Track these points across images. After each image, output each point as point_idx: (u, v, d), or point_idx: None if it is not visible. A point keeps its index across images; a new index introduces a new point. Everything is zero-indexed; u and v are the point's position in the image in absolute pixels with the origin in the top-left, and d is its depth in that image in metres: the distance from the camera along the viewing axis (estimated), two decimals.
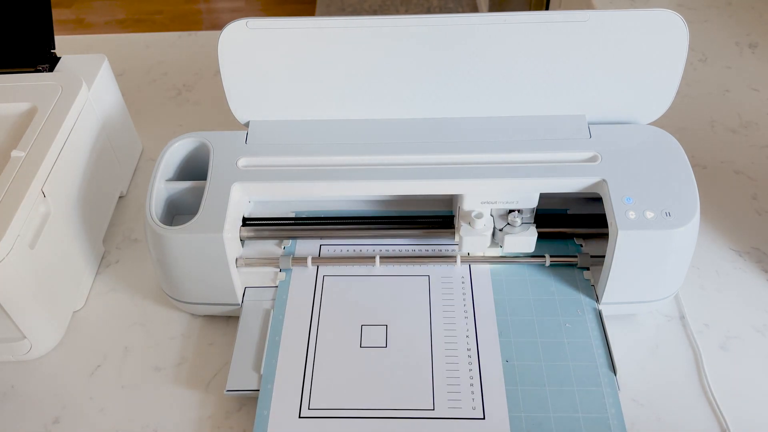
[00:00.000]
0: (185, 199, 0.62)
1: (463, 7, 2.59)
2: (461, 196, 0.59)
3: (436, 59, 0.60)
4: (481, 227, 0.60)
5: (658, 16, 0.58)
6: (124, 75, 0.94)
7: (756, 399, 0.55)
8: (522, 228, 0.60)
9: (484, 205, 0.59)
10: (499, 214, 0.61)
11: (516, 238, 0.60)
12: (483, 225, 0.60)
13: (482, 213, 0.59)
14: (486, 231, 0.60)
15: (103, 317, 0.63)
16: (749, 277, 0.65)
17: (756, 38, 0.95)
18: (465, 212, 0.60)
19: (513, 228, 0.60)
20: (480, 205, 0.59)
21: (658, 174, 0.57)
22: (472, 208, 0.60)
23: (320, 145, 0.60)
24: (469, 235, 0.60)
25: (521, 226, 0.60)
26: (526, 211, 0.60)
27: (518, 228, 0.60)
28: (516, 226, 0.60)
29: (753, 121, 0.81)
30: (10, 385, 0.58)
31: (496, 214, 0.61)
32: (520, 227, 0.60)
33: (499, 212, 0.61)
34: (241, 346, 0.57)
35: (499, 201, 0.59)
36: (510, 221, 0.60)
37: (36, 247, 0.56)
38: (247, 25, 0.59)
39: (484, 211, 0.60)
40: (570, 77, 0.61)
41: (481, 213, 0.59)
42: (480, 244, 0.61)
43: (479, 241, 0.60)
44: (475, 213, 0.59)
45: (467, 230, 0.60)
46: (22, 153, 0.57)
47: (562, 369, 0.55)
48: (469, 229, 0.60)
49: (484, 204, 0.59)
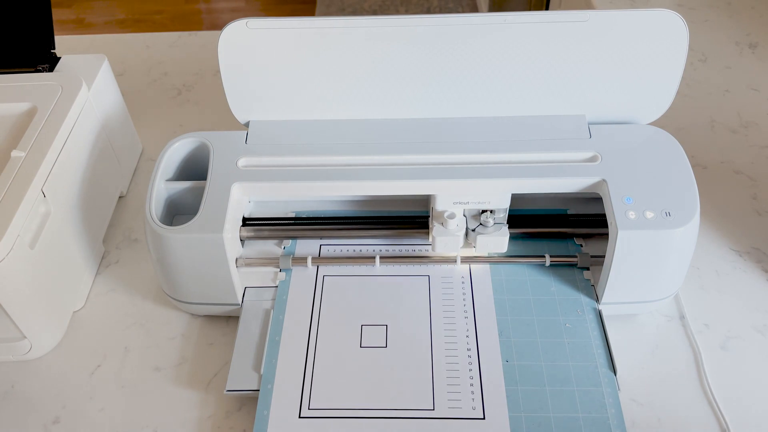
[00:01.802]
0: (185, 199, 0.62)
1: (463, 7, 2.59)
2: (434, 197, 0.59)
3: (436, 59, 0.60)
4: (453, 227, 0.59)
5: (658, 16, 0.58)
6: (124, 75, 0.94)
7: (756, 399, 0.55)
8: (494, 228, 0.60)
9: (457, 205, 0.59)
10: (471, 215, 0.61)
11: (488, 238, 0.60)
12: (456, 225, 0.59)
13: (455, 213, 0.59)
14: (458, 231, 0.60)
15: (103, 317, 0.63)
16: (749, 277, 0.65)
17: (756, 38, 0.95)
18: (437, 212, 0.60)
19: (485, 228, 0.60)
20: (452, 206, 0.59)
21: (658, 174, 0.57)
22: (444, 209, 0.59)
23: (320, 145, 0.60)
24: (441, 235, 0.59)
25: (494, 227, 0.60)
26: (498, 212, 0.60)
27: (491, 228, 0.60)
28: (488, 226, 0.60)
29: (753, 121, 0.81)
30: (10, 385, 0.58)
31: (469, 215, 0.61)
32: (493, 227, 0.60)
33: (472, 212, 0.61)
34: (241, 346, 0.57)
35: (471, 201, 0.59)
36: (482, 221, 0.60)
37: (36, 247, 0.56)
38: (247, 25, 0.59)
39: (456, 212, 0.59)
40: (570, 77, 0.61)
41: (453, 213, 0.59)
42: (452, 244, 0.60)
43: (451, 241, 0.60)
44: (447, 213, 0.59)
45: (440, 230, 0.60)
46: (22, 153, 0.57)
47: (562, 369, 0.55)
48: (441, 229, 0.60)
49: (457, 204, 0.59)
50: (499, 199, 0.58)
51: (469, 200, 0.58)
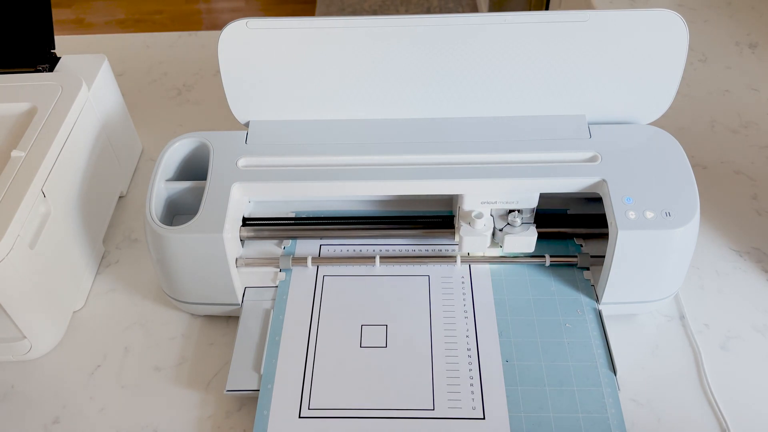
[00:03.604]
0: (185, 199, 0.62)
1: (463, 7, 2.59)
2: (461, 196, 0.59)
3: (436, 59, 0.60)
4: (481, 227, 0.60)
5: (658, 16, 0.58)
6: (124, 75, 0.94)
7: (756, 399, 0.55)
8: (522, 228, 0.60)
9: (484, 205, 0.59)
10: (499, 215, 0.61)
11: (516, 238, 0.60)
12: (483, 225, 0.60)
13: (482, 213, 0.60)
14: (486, 231, 0.60)
15: (103, 317, 0.63)
16: (749, 277, 0.65)
17: (756, 38, 0.95)
18: (465, 212, 0.60)
19: (513, 228, 0.60)
20: (480, 205, 0.59)
21: (658, 174, 0.57)
22: (472, 208, 0.60)
23: (320, 145, 0.60)
24: (469, 235, 0.60)
25: (521, 226, 0.60)
26: (526, 211, 0.60)
27: (518, 228, 0.60)
28: (516, 226, 0.60)
29: (753, 121, 0.81)
30: (10, 385, 0.58)
31: (496, 215, 0.61)
32: (520, 227, 0.60)
33: (499, 212, 0.61)
34: (241, 346, 0.57)
35: (499, 201, 0.59)
36: (510, 221, 0.60)
37: (36, 247, 0.56)
38: (247, 25, 0.59)
39: (484, 211, 0.60)
40: (570, 77, 0.61)
41: (481, 213, 0.59)
42: (480, 244, 0.61)
43: (479, 241, 0.60)
44: (475, 213, 0.59)
45: (467, 230, 0.60)
46: (22, 153, 0.57)
47: (562, 369, 0.55)
48: (469, 229, 0.60)
49: (484, 204, 0.59)
50: (527, 199, 0.59)
51: (497, 200, 0.59)
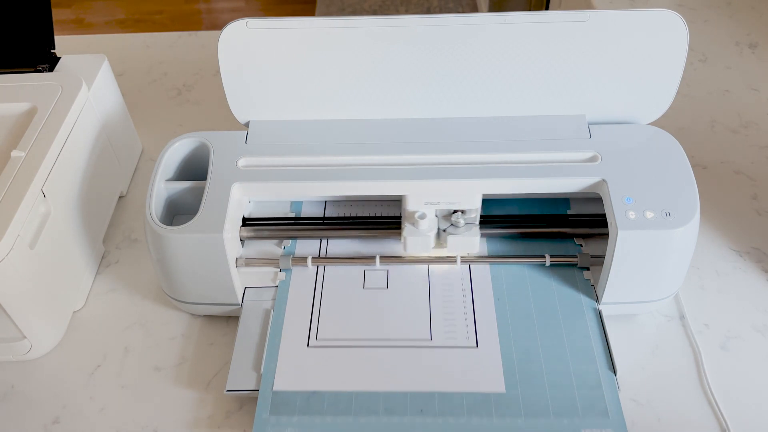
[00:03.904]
0: (185, 199, 0.62)
1: (463, 7, 2.59)
2: (404, 197, 0.59)
3: (436, 59, 0.60)
4: (425, 228, 0.59)
5: (658, 16, 0.58)
6: (124, 75, 0.94)
7: (756, 399, 0.55)
8: (465, 228, 0.60)
9: (428, 205, 0.59)
10: (443, 215, 0.61)
11: (459, 238, 0.60)
12: (427, 225, 0.59)
13: (426, 213, 0.59)
14: (429, 232, 0.59)
15: (103, 317, 0.63)
16: (749, 277, 0.65)
17: (756, 38, 0.95)
18: (408, 213, 0.60)
19: (456, 229, 0.60)
20: (423, 206, 0.59)
21: (658, 174, 0.57)
22: (415, 209, 0.59)
23: (320, 145, 0.60)
24: (412, 235, 0.59)
25: (465, 227, 0.60)
26: (470, 212, 0.60)
27: (462, 228, 0.60)
28: (459, 226, 0.60)
29: (753, 121, 0.81)
30: (10, 385, 0.58)
31: (441, 215, 0.61)
32: (464, 227, 0.60)
33: (443, 213, 0.61)
34: (241, 346, 0.57)
35: (442, 201, 0.58)
36: (453, 222, 0.60)
37: (36, 247, 0.56)
38: (247, 25, 0.59)
39: (427, 212, 0.59)
40: (570, 77, 0.61)
41: (424, 213, 0.59)
42: (423, 244, 0.60)
43: (422, 241, 0.60)
44: (418, 214, 0.59)
45: (411, 231, 0.60)
46: (22, 153, 0.57)
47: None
48: (412, 229, 0.60)
49: (428, 205, 0.59)
50: (469, 200, 0.58)
51: (439, 201, 0.58)
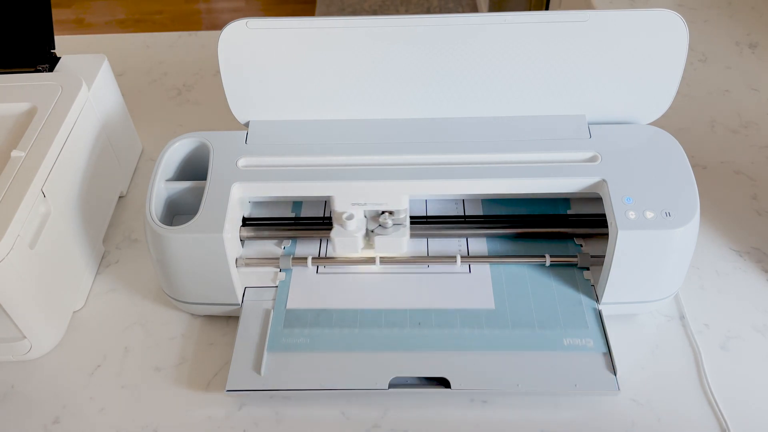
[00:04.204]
0: (185, 199, 0.62)
1: (463, 7, 2.59)
2: (331, 198, 0.58)
3: (436, 59, 0.60)
4: (352, 228, 0.59)
5: (658, 16, 0.58)
6: (124, 75, 0.94)
7: (756, 399, 0.55)
8: (393, 229, 0.60)
9: (355, 206, 0.59)
10: (371, 216, 0.61)
11: (386, 239, 0.60)
12: (355, 226, 0.59)
13: (353, 214, 0.59)
14: (357, 232, 0.59)
15: (103, 317, 0.63)
16: (749, 277, 0.65)
17: (756, 38, 0.95)
18: (337, 213, 0.60)
19: (385, 230, 0.60)
20: (351, 207, 0.59)
21: (658, 174, 0.57)
22: (343, 210, 0.59)
23: (320, 145, 0.60)
24: (339, 236, 0.59)
25: (393, 228, 0.60)
26: (398, 213, 0.60)
27: (390, 229, 0.60)
28: (387, 227, 0.60)
29: (753, 121, 0.81)
30: (10, 385, 0.58)
31: (369, 216, 0.61)
32: (392, 228, 0.60)
33: (372, 214, 0.61)
34: (241, 346, 0.57)
35: (369, 202, 0.58)
36: (381, 222, 0.60)
37: (36, 247, 0.56)
38: (247, 25, 0.59)
39: (355, 213, 0.59)
40: (570, 77, 0.61)
41: (352, 214, 0.59)
42: (351, 245, 0.60)
43: (350, 242, 0.60)
44: (346, 214, 0.59)
45: (338, 231, 0.59)
46: (22, 153, 0.57)
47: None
48: (340, 230, 0.59)
49: (355, 205, 0.59)
50: (396, 201, 0.58)
51: (366, 202, 0.58)
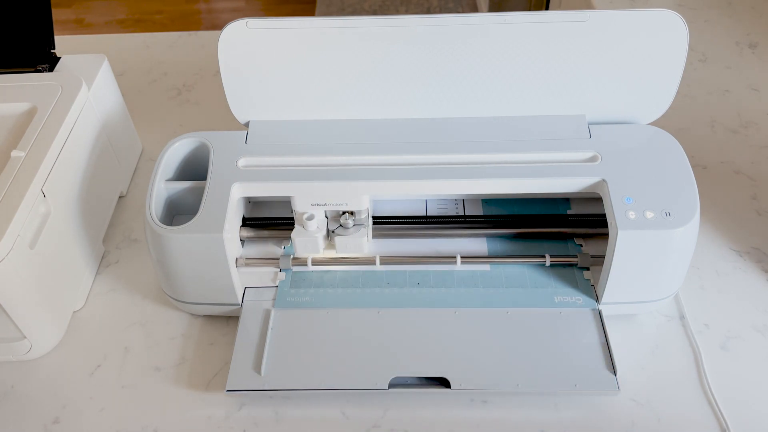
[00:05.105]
0: (185, 199, 0.62)
1: (463, 7, 2.59)
2: (292, 198, 0.59)
3: (436, 59, 0.60)
4: (313, 228, 0.59)
5: (658, 16, 0.58)
6: (124, 75, 0.94)
7: (756, 399, 0.55)
8: (354, 230, 0.60)
9: (315, 207, 0.59)
10: (333, 216, 0.61)
11: (347, 239, 0.60)
12: (315, 227, 0.59)
13: (314, 215, 0.59)
14: (318, 233, 0.60)
15: (103, 317, 0.63)
16: (749, 277, 0.65)
17: (756, 38, 0.95)
18: (298, 214, 0.60)
19: (346, 230, 0.60)
20: (311, 207, 0.59)
21: (658, 174, 0.57)
22: (303, 210, 0.59)
23: (320, 145, 0.60)
24: (300, 236, 0.60)
25: (354, 228, 0.60)
26: (359, 213, 0.60)
27: (351, 230, 0.60)
28: (348, 227, 0.60)
29: (753, 121, 0.81)
30: (10, 385, 0.58)
31: (331, 216, 0.61)
32: (353, 229, 0.60)
33: (333, 214, 0.61)
34: (241, 346, 0.57)
35: (329, 203, 0.58)
36: (342, 223, 0.60)
37: (36, 247, 0.56)
38: (247, 25, 0.59)
39: (315, 213, 0.59)
40: (570, 77, 0.61)
41: (312, 215, 0.59)
42: (312, 245, 0.60)
43: (311, 242, 0.60)
44: (306, 215, 0.59)
45: (299, 231, 0.60)
46: (22, 153, 0.57)
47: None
48: (301, 230, 0.60)
49: (315, 206, 0.59)
50: (356, 202, 0.58)
51: (326, 202, 0.58)
